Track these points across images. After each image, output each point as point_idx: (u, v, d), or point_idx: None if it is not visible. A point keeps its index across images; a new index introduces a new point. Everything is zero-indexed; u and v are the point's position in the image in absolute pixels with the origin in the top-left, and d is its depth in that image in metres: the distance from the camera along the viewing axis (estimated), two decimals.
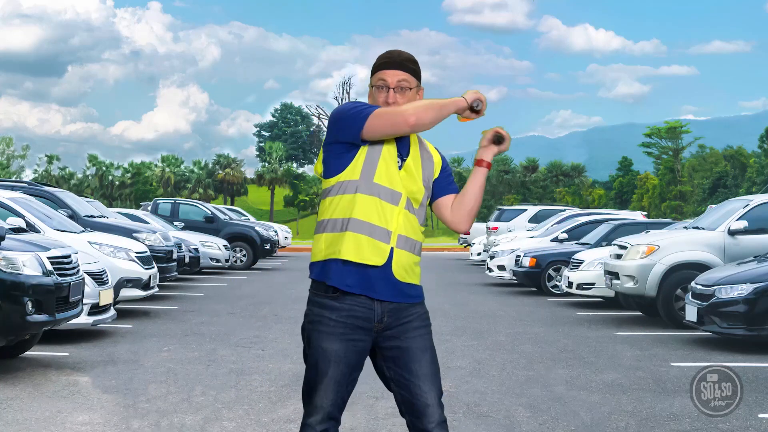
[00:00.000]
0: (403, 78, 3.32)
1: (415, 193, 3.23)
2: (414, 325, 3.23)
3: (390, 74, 3.31)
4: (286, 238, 31.92)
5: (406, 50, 3.43)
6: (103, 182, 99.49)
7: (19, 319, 6.92)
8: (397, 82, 3.31)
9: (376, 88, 3.33)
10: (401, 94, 3.30)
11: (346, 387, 3.22)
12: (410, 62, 3.37)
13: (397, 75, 3.31)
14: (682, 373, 7.35)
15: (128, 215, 18.03)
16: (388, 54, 3.39)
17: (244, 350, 8.38)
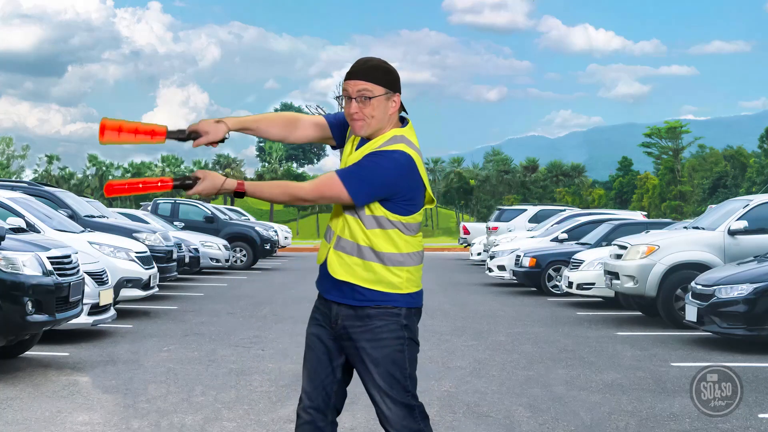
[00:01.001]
0: (364, 87, 3.24)
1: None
2: (366, 337, 3.30)
3: (351, 84, 3.26)
4: (286, 238, 31.93)
5: (406, 50, 3.41)
6: (103, 182, 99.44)
7: (19, 319, 6.93)
8: (357, 92, 3.25)
9: (344, 98, 3.34)
10: (362, 103, 3.25)
11: (325, 377, 3.32)
12: (374, 69, 3.28)
13: (358, 84, 3.25)
14: (682, 373, 7.35)
15: (128, 215, 18.04)
16: (354, 64, 3.33)
17: (244, 350, 8.38)
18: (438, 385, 6.71)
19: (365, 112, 3.27)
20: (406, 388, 3.40)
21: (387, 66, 3.35)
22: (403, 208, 3.27)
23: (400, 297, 3.32)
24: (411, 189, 3.27)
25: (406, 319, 3.39)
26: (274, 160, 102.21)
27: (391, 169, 3.22)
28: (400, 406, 3.32)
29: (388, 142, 3.30)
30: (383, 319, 3.31)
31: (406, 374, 3.43)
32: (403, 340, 3.39)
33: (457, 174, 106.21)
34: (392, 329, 3.33)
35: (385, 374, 3.33)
